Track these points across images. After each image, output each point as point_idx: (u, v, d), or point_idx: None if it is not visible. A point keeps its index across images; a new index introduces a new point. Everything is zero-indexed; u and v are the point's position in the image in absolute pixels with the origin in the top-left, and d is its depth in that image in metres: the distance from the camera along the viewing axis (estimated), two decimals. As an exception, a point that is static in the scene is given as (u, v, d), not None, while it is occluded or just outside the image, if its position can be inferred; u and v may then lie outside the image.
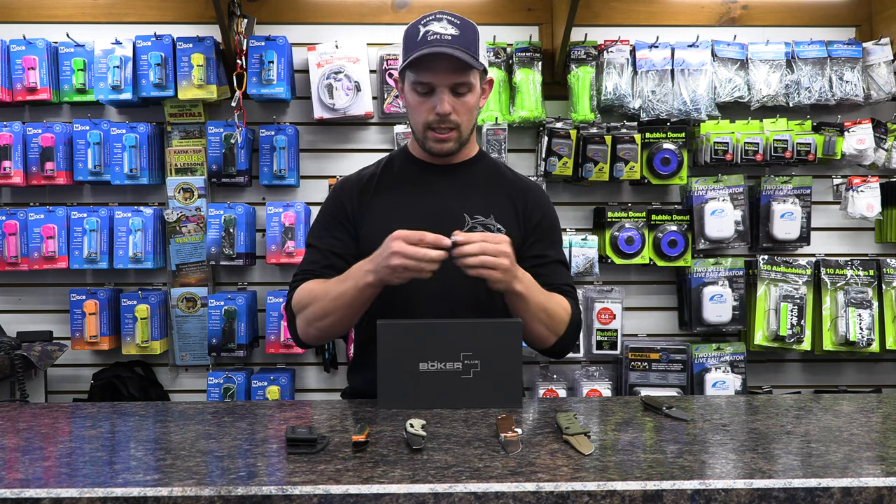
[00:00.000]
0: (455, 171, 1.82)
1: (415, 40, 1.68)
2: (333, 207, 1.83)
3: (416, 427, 1.29)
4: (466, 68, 1.68)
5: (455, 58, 1.65)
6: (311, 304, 1.70)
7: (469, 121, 1.75)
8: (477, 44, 1.71)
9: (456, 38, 1.66)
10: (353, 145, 3.18)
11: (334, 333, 1.76)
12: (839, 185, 3.22)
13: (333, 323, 1.69)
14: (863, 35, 3.23)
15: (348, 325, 1.72)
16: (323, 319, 1.69)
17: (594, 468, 1.14)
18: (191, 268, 3.11)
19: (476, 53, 1.69)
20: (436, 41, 1.65)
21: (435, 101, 1.69)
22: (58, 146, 2.99)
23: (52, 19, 3.11)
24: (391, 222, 1.59)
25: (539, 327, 1.71)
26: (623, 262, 3.10)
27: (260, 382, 3.01)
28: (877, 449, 1.27)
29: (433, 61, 1.67)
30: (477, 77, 1.73)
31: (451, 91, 1.69)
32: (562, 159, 3.00)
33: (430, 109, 1.70)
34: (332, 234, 1.78)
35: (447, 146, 1.74)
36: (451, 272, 1.71)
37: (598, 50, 3.10)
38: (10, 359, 2.75)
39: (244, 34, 2.96)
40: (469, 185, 1.81)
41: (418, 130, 1.76)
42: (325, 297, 1.67)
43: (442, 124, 1.71)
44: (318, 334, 1.74)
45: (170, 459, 1.21)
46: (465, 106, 1.72)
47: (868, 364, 3.30)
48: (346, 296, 1.64)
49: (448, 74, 1.68)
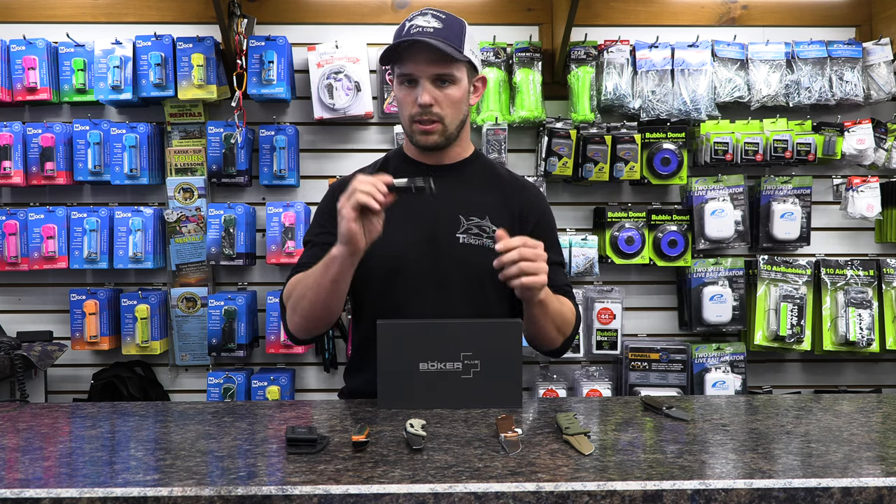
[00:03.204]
0: (450, 172, 1.82)
1: (399, 35, 1.72)
2: (331, 206, 1.82)
3: (416, 427, 1.29)
4: (447, 59, 1.69)
5: (434, 48, 1.67)
6: (294, 291, 1.71)
7: (454, 114, 1.74)
8: (462, 38, 1.72)
9: (438, 31, 1.68)
10: (353, 145, 3.18)
11: (317, 319, 1.70)
12: (839, 185, 3.21)
13: (313, 305, 1.66)
14: (863, 35, 3.23)
15: (328, 308, 1.67)
16: (302, 302, 1.67)
17: (594, 468, 1.14)
18: (191, 268, 3.11)
19: (460, 46, 1.70)
20: (417, 33, 1.68)
21: (417, 92, 1.71)
22: (58, 146, 2.99)
23: (52, 19, 3.11)
24: (387, 223, 1.59)
25: (552, 331, 1.74)
26: (623, 262, 3.10)
27: (260, 382, 3.01)
28: (877, 449, 1.27)
29: (414, 53, 1.69)
30: (463, 71, 1.73)
31: (433, 82, 1.70)
32: (562, 159, 3.00)
33: (413, 101, 1.72)
34: (328, 230, 1.77)
35: (431, 139, 1.74)
36: (444, 275, 1.72)
37: (598, 50, 3.10)
38: (10, 359, 2.75)
39: (244, 34, 2.96)
40: (464, 186, 1.81)
41: (406, 125, 1.77)
42: (305, 279, 1.68)
43: (424, 116, 1.71)
44: (303, 322, 1.71)
45: (170, 459, 1.21)
46: (449, 98, 1.72)
47: (868, 364, 3.30)
48: (316, 272, 1.63)
49: (428, 65, 1.69)
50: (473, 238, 1.76)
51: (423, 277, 1.73)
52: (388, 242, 1.67)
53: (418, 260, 1.74)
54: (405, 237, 1.74)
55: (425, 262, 1.74)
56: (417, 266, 1.74)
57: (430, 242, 1.75)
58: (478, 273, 1.74)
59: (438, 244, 1.75)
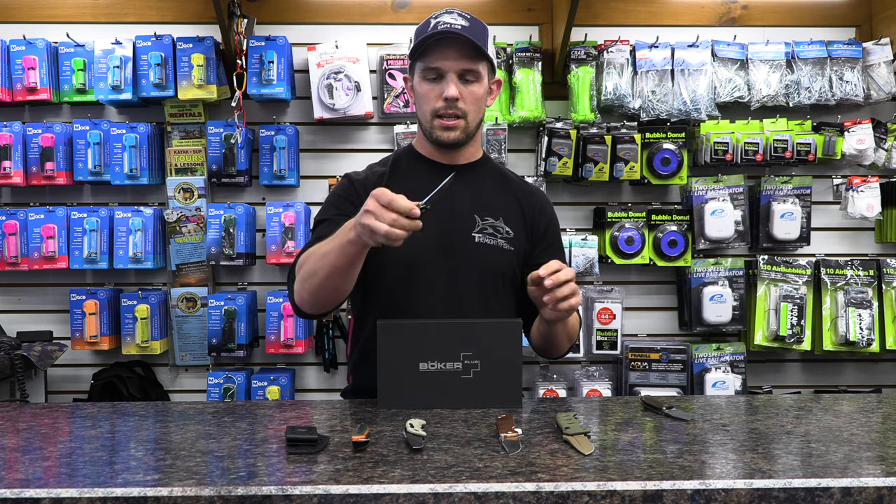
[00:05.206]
0: (464, 172, 1.82)
1: (425, 31, 1.72)
2: (346, 191, 1.80)
3: (416, 427, 1.29)
4: (475, 55, 1.71)
5: (464, 43, 1.68)
6: (305, 264, 1.67)
7: (476, 112, 1.76)
8: (486, 38, 1.74)
9: (466, 29, 1.70)
10: (353, 145, 3.18)
11: (324, 298, 1.65)
12: (839, 185, 3.21)
13: (322, 283, 1.62)
14: (863, 35, 3.23)
15: (338, 288, 1.63)
16: (312, 279, 1.63)
17: (594, 468, 1.14)
18: (191, 268, 3.11)
19: (485, 46, 1.72)
20: (446, 30, 1.69)
21: (443, 86, 1.71)
22: (58, 146, 2.99)
23: (52, 19, 3.11)
24: None
25: (564, 341, 1.80)
26: (623, 262, 3.10)
27: (260, 382, 3.01)
28: (877, 449, 1.27)
29: (442, 48, 1.70)
30: (486, 69, 1.75)
31: (459, 78, 1.71)
32: (562, 159, 3.00)
33: (438, 96, 1.72)
34: (341, 211, 1.75)
35: (453, 134, 1.75)
36: (458, 273, 1.72)
37: (598, 50, 3.10)
38: (10, 359, 2.75)
39: (244, 34, 2.96)
40: (478, 187, 1.83)
41: (426, 120, 1.76)
42: (316, 254, 1.63)
43: (449, 110, 1.72)
44: (309, 298, 1.66)
45: (170, 459, 1.20)
46: (473, 95, 1.73)
47: (868, 364, 3.30)
48: (332, 253, 1.58)
49: (457, 60, 1.70)
50: (489, 238, 1.78)
51: (438, 274, 1.74)
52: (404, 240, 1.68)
53: (434, 257, 1.75)
54: (421, 235, 1.74)
55: (441, 260, 1.75)
56: (433, 263, 1.74)
57: (445, 239, 1.75)
58: (491, 272, 1.77)
59: (454, 242, 1.76)
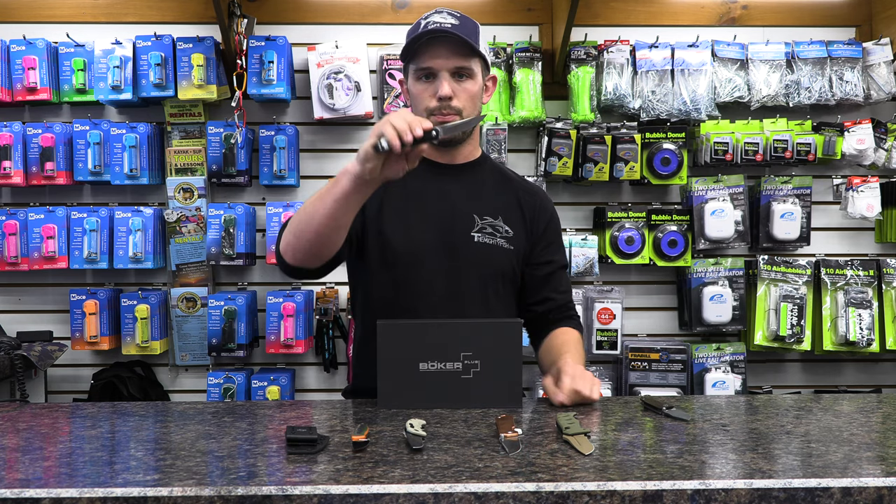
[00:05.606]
0: (462, 171, 1.83)
1: (415, 33, 1.73)
2: None
3: (416, 427, 1.29)
4: (466, 52, 1.71)
5: (455, 41, 1.69)
6: (296, 212, 1.64)
7: (471, 109, 1.75)
8: (477, 35, 1.74)
9: (455, 27, 1.70)
10: (354, 145, 3.18)
11: (310, 245, 1.61)
12: (839, 185, 3.21)
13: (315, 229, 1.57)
14: (863, 35, 3.23)
15: (326, 237, 1.59)
16: (302, 225, 1.60)
17: (594, 468, 1.14)
18: (191, 268, 3.11)
19: (476, 42, 1.73)
20: (436, 29, 1.69)
21: (436, 85, 1.71)
22: (58, 146, 2.99)
23: (52, 19, 3.11)
24: (406, 219, 1.58)
25: None
26: (623, 262, 3.10)
27: (260, 382, 3.01)
28: (877, 449, 1.27)
29: (433, 47, 1.70)
30: (478, 66, 1.75)
31: (451, 76, 1.71)
32: (562, 159, 3.00)
33: (431, 95, 1.72)
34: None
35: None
36: (458, 273, 1.72)
37: (598, 50, 3.10)
38: (10, 359, 2.75)
39: (244, 34, 2.96)
40: (477, 186, 1.83)
41: None
42: (311, 198, 1.61)
43: (444, 109, 1.72)
44: (296, 242, 1.62)
45: (170, 459, 1.20)
46: (467, 92, 1.73)
47: (868, 364, 3.29)
48: (325, 197, 1.56)
49: (448, 58, 1.70)
50: (488, 237, 1.78)
51: (438, 274, 1.74)
52: (403, 238, 1.69)
53: (434, 256, 1.75)
54: (421, 234, 1.75)
55: (441, 260, 1.75)
56: (433, 263, 1.75)
57: (445, 239, 1.76)
58: (491, 271, 1.77)
59: (454, 242, 1.76)
